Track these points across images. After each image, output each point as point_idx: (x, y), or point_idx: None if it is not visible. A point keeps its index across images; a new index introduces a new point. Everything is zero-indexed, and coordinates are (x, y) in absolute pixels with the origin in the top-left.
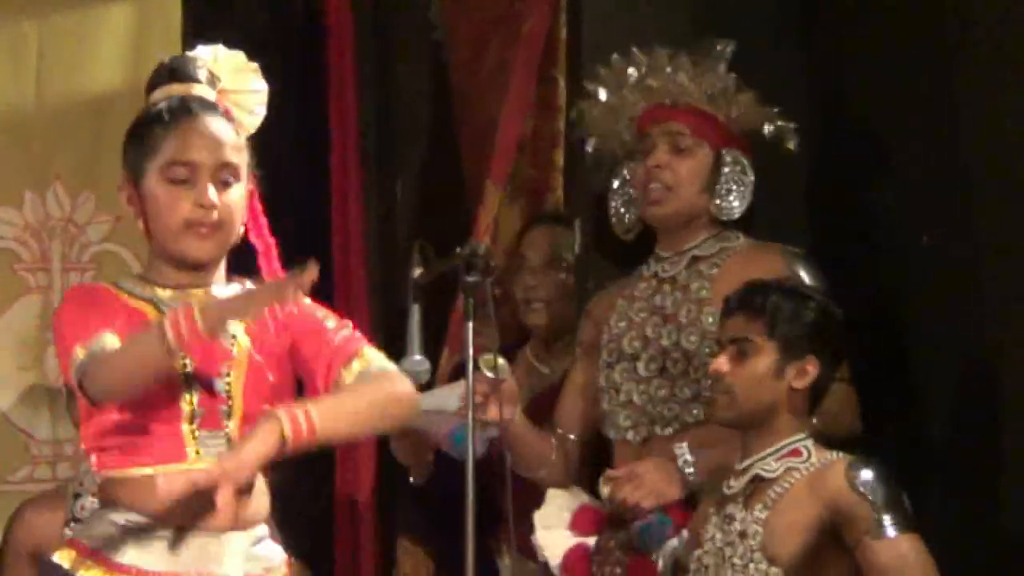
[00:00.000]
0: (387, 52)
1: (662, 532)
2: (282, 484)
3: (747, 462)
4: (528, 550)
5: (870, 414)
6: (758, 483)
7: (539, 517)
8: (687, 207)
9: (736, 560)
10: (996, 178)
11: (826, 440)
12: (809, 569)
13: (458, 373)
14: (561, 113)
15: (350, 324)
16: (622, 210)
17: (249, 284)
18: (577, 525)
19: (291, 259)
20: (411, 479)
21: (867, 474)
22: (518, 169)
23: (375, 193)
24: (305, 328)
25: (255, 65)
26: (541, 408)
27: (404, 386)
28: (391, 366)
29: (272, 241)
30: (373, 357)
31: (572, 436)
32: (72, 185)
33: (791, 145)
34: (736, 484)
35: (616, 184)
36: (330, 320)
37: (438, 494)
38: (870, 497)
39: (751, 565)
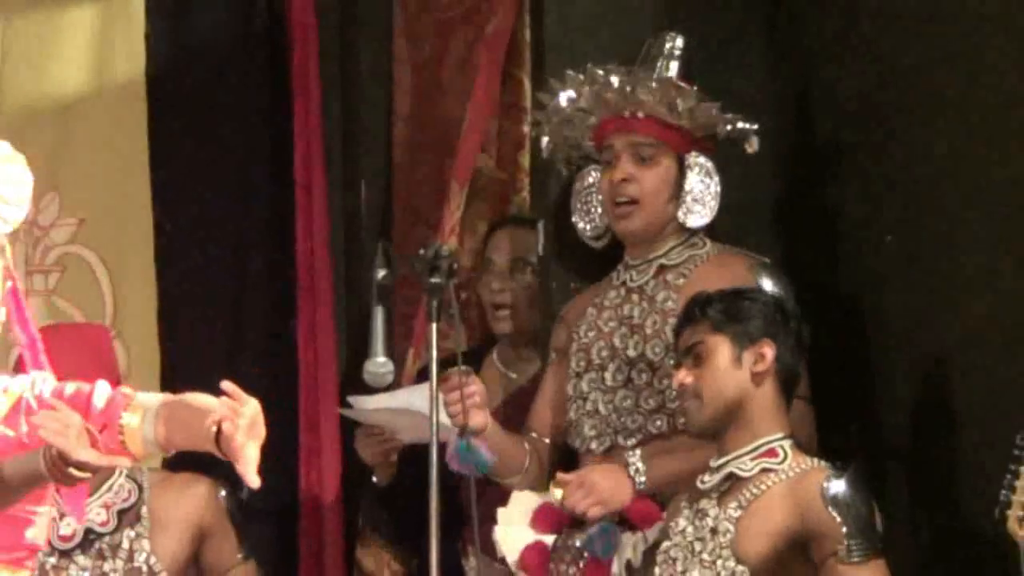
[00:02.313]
0: (351, 52)
1: (606, 540)
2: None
3: (723, 459)
4: (494, 551)
5: (835, 412)
6: (733, 481)
7: (502, 514)
8: (655, 218)
9: (705, 556)
10: (960, 179)
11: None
12: (775, 574)
13: (424, 375)
14: (526, 114)
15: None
16: (587, 217)
17: (10, 379)
18: (537, 523)
19: (256, 261)
20: (375, 479)
21: (843, 492)
22: (484, 171)
23: (339, 194)
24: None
25: (20, 156)
26: (509, 413)
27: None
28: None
29: (37, 335)
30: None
31: (545, 440)
32: (36, 188)
33: (753, 146)
34: (710, 480)
35: (578, 191)
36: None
37: (402, 494)
38: (841, 518)
39: (719, 562)
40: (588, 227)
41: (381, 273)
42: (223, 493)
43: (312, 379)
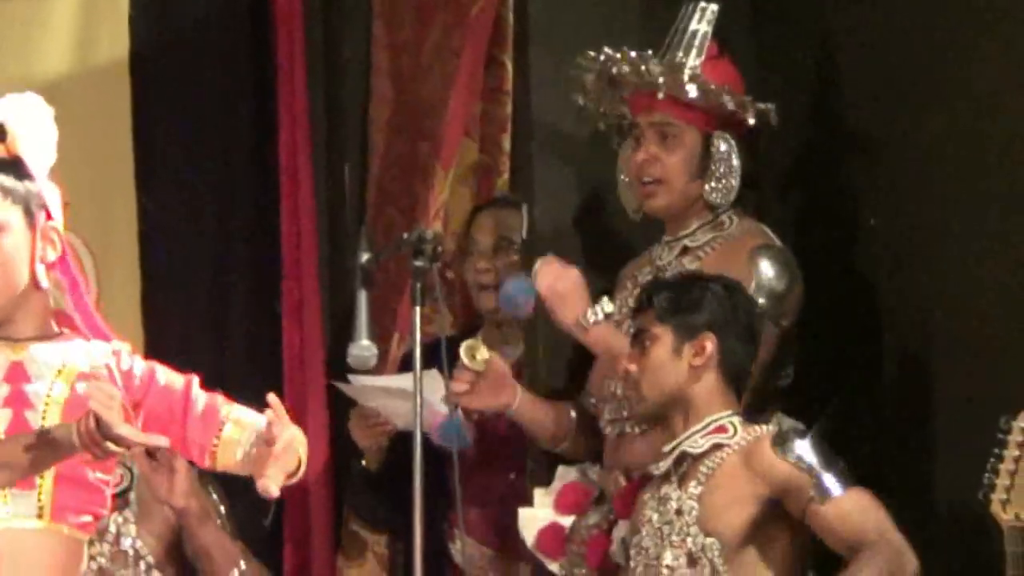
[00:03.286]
0: (335, 36)
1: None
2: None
3: (673, 443)
4: (479, 534)
5: (821, 395)
6: (689, 462)
7: (538, 495)
8: (680, 197)
9: (674, 537)
10: (949, 166)
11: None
12: (752, 544)
13: (408, 358)
14: (509, 97)
15: (196, 381)
16: (627, 191)
17: (78, 340)
18: (560, 504)
19: (241, 244)
20: (364, 463)
21: (797, 443)
22: (467, 154)
23: (323, 178)
24: (159, 407)
25: (50, 109)
26: None
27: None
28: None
29: (81, 278)
30: (240, 416)
31: (600, 406)
32: None
33: (773, 123)
34: (665, 464)
35: (620, 164)
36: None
37: (391, 480)
38: (805, 464)
39: (688, 539)
40: (625, 199)
41: (364, 257)
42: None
43: (298, 364)
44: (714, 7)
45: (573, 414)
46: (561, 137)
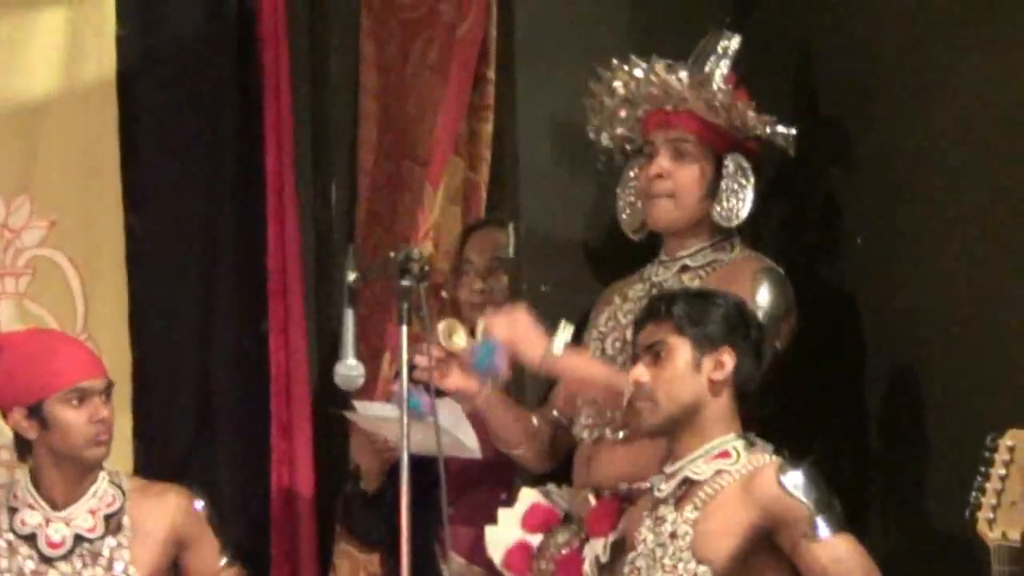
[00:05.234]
0: (321, 52)
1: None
2: (218, 482)
3: (676, 464)
4: (469, 553)
5: (807, 413)
6: (688, 485)
7: (502, 515)
8: (689, 215)
9: (666, 561)
10: (934, 179)
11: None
12: (740, 573)
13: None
14: (491, 112)
15: None
16: (628, 210)
17: None
18: (527, 523)
19: (227, 263)
20: (362, 486)
21: (799, 477)
22: (456, 172)
23: (309, 197)
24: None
25: None
26: None
27: None
28: None
29: None
30: None
31: (563, 420)
32: (7, 190)
33: (791, 151)
34: (666, 487)
35: (624, 182)
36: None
37: (388, 499)
38: (804, 500)
39: (680, 565)
40: (626, 218)
41: (351, 276)
42: (200, 503)
43: (284, 382)
44: (737, 38)
45: (535, 420)
46: (547, 154)
